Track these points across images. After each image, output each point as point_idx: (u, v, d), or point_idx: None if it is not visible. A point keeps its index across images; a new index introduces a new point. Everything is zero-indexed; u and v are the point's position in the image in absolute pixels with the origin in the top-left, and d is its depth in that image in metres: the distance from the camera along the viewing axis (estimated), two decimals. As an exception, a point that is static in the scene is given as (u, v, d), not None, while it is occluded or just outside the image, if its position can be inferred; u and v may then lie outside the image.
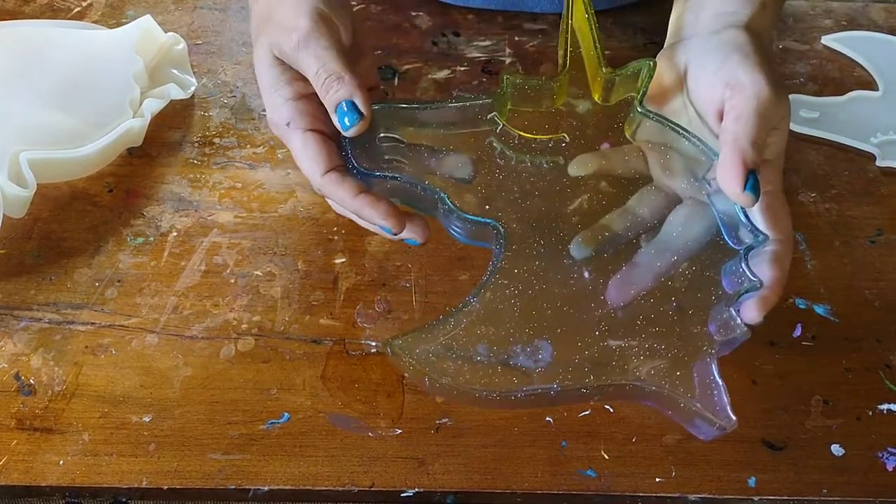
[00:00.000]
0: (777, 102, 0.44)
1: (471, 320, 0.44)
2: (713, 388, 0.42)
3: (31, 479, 0.45)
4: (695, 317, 0.44)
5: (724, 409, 0.42)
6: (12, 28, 0.66)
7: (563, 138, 0.48)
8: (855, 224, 0.59)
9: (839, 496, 0.46)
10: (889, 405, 0.49)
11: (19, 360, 0.49)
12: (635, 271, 0.45)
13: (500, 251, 0.45)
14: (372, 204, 0.45)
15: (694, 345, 0.43)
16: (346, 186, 0.45)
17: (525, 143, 0.48)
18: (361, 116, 0.45)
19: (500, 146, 0.47)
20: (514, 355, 0.43)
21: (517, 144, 0.47)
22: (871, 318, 0.53)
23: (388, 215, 0.45)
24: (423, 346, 0.44)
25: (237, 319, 0.52)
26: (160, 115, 0.62)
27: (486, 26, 0.72)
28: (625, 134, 0.49)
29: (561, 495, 0.45)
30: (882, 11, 0.76)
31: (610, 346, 0.43)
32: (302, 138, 0.46)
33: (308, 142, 0.46)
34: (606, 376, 0.43)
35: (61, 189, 0.58)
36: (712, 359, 0.43)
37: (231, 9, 0.73)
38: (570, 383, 0.43)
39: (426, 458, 0.46)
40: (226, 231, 0.56)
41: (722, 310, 0.43)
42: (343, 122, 0.45)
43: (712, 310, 0.44)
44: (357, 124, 0.45)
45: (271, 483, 0.45)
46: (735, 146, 0.42)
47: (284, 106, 0.47)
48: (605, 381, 0.43)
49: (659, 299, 0.44)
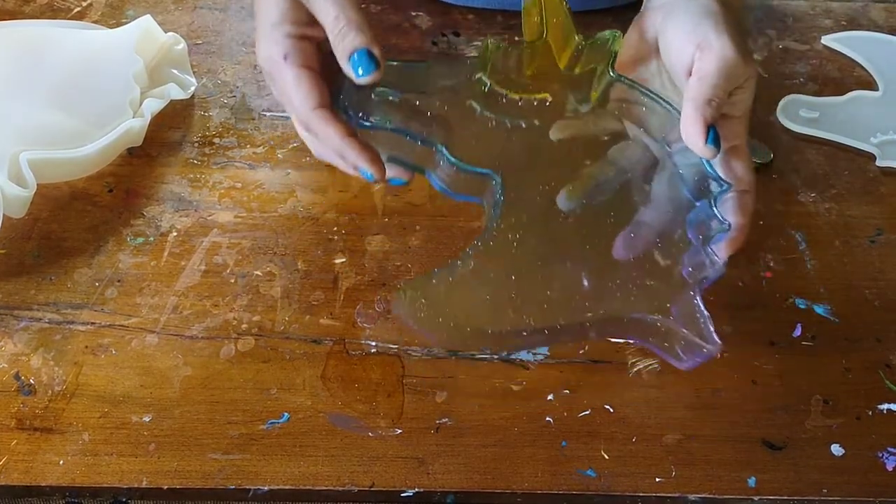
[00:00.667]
0: (742, 64, 0.47)
1: (476, 264, 0.46)
2: (700, 319, 0.46)
3: (31, 478, 0.45)
4: (675, 260, 0.48)
5: (710, 335, 0.46)
6: (12, 28, 0.66)
7: (547, 98, 0.50)
8: (855, 224, 0.59)
9: (839, 496, 0.46)
10: (889, 405, 0.49)
11: (19, 360, 0.49)
12: (638, 230, 0.48)
13: (498, 200, 0.47)
14: (358, 147, 0.47)
15: (678, 283, 0.47)
16: (336, 126, 0.47)
17: (512, 101, 0.49)
18: (377, 67, 0.46)
19: (489, 105, 0.49)
20: (518, 295, 0.46)
21: (504, 104, 0.49)
22: (871, 318, 0.53)
23: (374, 162, 0.47)
24: (433, 288, 0.46)
25: (237, 319, 0.52)
26: (160, 115, 0.62)
27: (486, 26, 0.72)
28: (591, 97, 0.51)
29: (561, 495, 0.45)
30: (882, 11, 0.76)
31: (606, 284, 0.47)
32: (297, 72, 0.47)
33: (303, 76, 0.47)
34: (605, 311, 0.47)
35: (61, 189, 0.58)
36: (696, 293, 0.47)
37: (231, 9, 0.73)
38: (571, 319, 0.47)
39: (426, 458, 0.46)
40: (226, 231, 0.56)
41: (697, 252, 0.47)
42: (357, 70, 0.46)
43: (685, 256, 0.48)
44: (372, 73, 0.46)
45: (271, 483, 0.45)
46: (696, 103, 0.45)
47: (285, 41, 0.47)
48: (604, 315, 0.47)
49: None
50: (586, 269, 0.47)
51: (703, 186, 0.48)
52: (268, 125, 0.63)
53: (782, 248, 0.57)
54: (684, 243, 0.48)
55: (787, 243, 0.57)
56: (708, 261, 0.47)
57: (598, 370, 0.50)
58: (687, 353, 0.47)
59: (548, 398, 0.49)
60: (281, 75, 0.48)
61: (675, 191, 0.49)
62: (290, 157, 0.61)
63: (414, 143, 0.48)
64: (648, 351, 0.51)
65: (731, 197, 0.48)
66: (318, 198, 0.58)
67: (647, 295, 0.47)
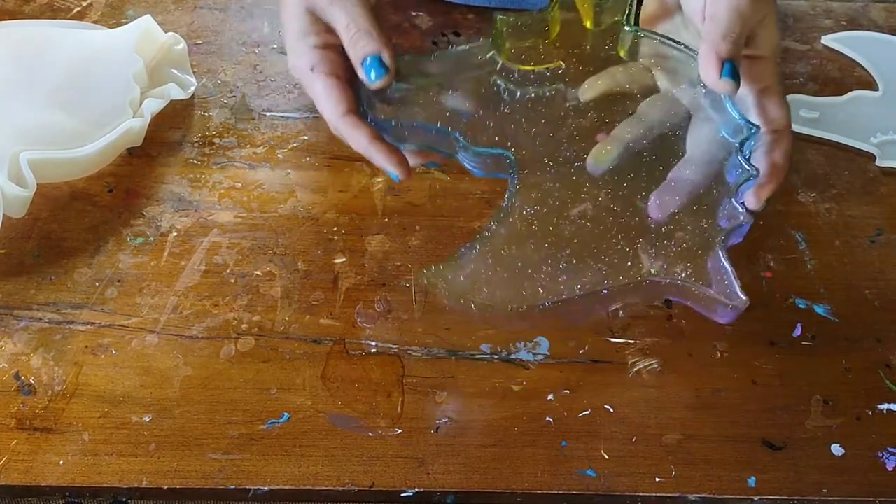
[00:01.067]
0: (755, 1, 0.47)
1: (495, 243, 0.47)
2: (723, 274, 0.46)
3: (31, 478, 0.45)
4: (701, 212, 0.47)
5: (734, 291, 0.46)
6: (12, 28, 0.66)
7: (560, 66, 0.51)
8: (855, 224, 0.59)
9: (839, 496, 0.46)
10: (889, 405, 0.49)
11: (19, 359, 0.49)
12: (673, 188, 0.47)
13: (513, 177, 0.48)
14: (384, 151, 0.48)
15: (702, 237, 0.46)
16: (363, 131, 0.49)
17: (525, 75, 0.50)
18: (387, 71, 0.48)
19: (502, 82, 0.50)
20: (537, 270, 0.46)
21: (518, 78, 0.50)
22: (871, 318, 0.53)
23: (399, 164, 0.49)
24: (454, 272, 0.47)
25: (237, 319, 0.52)
26: (160, 115, 0.62)
27: (487, 25, 0.72)
28: (619, 54, 0.51)
29: (561, 495, 0.46)
30: (882, 11, 0.76)
31: (625, 249, 0.47)
32: (325, 81, 0.49)
33: (331, 85, 0.49)
34: (624, 276, 0.46)
35: (61, 189, 0.58)
36: (721, 248, 0.46)
37: (231, 9, 0.73)
38: (591, 287, 0.46)
39: (426, 458, 0.46)
40: (226, 231, 0.56)
41: (725, 202, 0.46)
42: (369, 74, 0.48)
43: (717, 204, 0.47)
44: (383, 77, 0.48)
45: (271, 483, 0.45)
46: (708, 40, 0.46)
47: (311, 52, 0.50)
48: (623, 280, 0.46)
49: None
50: (607, 237, 0.47)
51: (733, 133, 0.47)
52: (268, 125, 0.63)
53: (782, 248, 0.57)
54: (718, 198, 0.47)
55: (787, 243, 0.57)
56: (733, 211, 0.46)
57: (598, 370, 0.50)
58: (721, 311, 0.47)
59: (548, 398, 0.49)
60: (310, 85, 0.50)
61: (710, 144, 0.48)
62: (290, 157, 0.61)
63: (431, 133, 0.49)
64: (648, 351, 0.51)
65: (765, 140, 0.47)
66: (318, 198, 0.58)
67: (671, 256, 0.46)
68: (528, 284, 0.46)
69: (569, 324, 0.51)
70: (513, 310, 0.46)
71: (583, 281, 0.46)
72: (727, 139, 0.47)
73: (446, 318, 0.52)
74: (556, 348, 0.51)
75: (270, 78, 0.67)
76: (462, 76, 0.51)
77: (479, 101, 0.50)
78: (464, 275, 0.46)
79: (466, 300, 0.46)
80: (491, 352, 0.51)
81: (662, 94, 0.50)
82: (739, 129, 0.47)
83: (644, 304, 0.53)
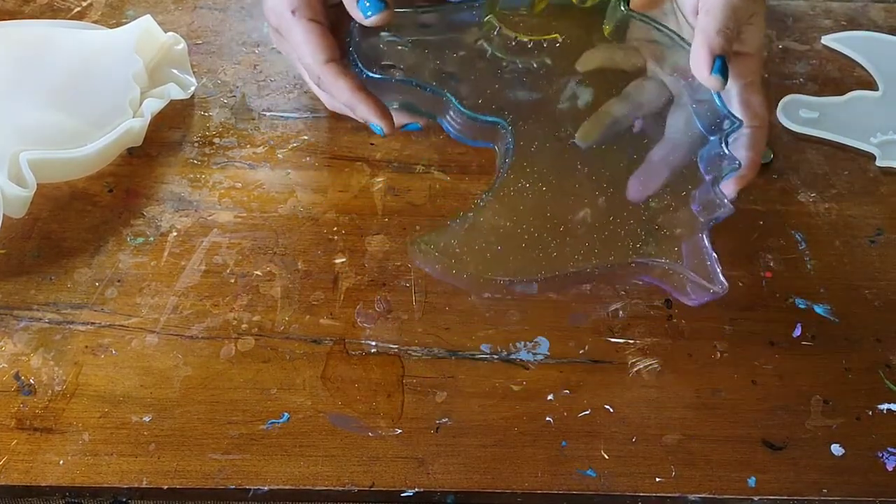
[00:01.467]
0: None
1: (487, 214, 0.47)
2: (706, 259, 0.47)
3: (31, 478, 0.45)
4: (685, 199, 0.48)
5: (716, 275, 0.46)
6: (12, 28, 0.66)
7: (557, 39, 0.50)
8: (855, 224, 0.59)
9: (839, 496, 0.46)
10: (889, 405, 0.49)
11: (19, 359, 0.49)
12: (652, 168, 0.48)
13: (509, 147, 0.47)
14: (368, 102, 0.47)
15: (687, 223, 0.48)
16: (347, 80, 0.47)
17: (522, 44, 0.50)
18: (385, 6, 0.45)
19: (498, 48, 0.50)
20: (529, 244, 0.47)
21: (514, 46, 0.50)
22: (871, 318, 0.53)
23: (384, 116, 0.47)
24: (446, 241, 0.47)
25: (237, 319, 0.52)
26: (160, 115, 0.62)
27: None
28: (604, 33, 0.51)
29: (561, 495, 0.46)
30: (882, 11, 0.76)
31: (615, 229, 0.47)
32: (306, 26, 0.47)
33: (312, 30, 0.47)
34: (613, 254, 0.47)
35: (61, 189, 0.58)
36: (703, 233, 0.47)
37: (231, 9, 0.73)
38: (581, 264, 0.47)
39: (426, 458, 0.46)
40: (226, 231, 0.56)
41: (707, 190, 0.48)
42: (365, 11, 0.45)
43: (696, 192, 0.48)
44: (380, 13, 0.45)
45: (271, 483, 0.45)
46: (702, 34, 0.46)
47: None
48: (612, 259, 0.47)
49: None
50: (598, 214, 0.47)
51: (716, 124, 0.48)
52: (268, 125, 0.63)
53: (782, 248, 0.57)
54: (696, 181, 0.48)
55: (787, 243, 0.57)
56: (717, 200, 0.47)
57: (598, 370, 0.50)
58: (695, 293, 0.48)
59: (548, 398, 0.49)
60: (289, 30, 0.47)
61: (689, 128, 0.49)
62: (290, 157, 0.61)
63: (424, 92, 0.48)
64: (648, 351, 0.51)
65: (744, 133, 0.48)
66: (318, 198, 0.58)
67: (658, 238, 0.47)
68: (521, 259, 0.46)
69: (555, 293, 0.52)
70: (503, 282, 0.46)
71: (575, 258, 0.47)
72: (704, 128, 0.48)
73: (446, 318, 0.52)
74: (555, 348, 0.51)
75: (270, 78, 0.66)
76: (458, 37, 0.49)
77: (475, 64, 0.49)
78: (454, 246, 0.46)
79: (458, 270, 0.46)
80: (491, 352, 0.51)
81: (650, 78, 0.51)
82: (722, 120, 0.48)
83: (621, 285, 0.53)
